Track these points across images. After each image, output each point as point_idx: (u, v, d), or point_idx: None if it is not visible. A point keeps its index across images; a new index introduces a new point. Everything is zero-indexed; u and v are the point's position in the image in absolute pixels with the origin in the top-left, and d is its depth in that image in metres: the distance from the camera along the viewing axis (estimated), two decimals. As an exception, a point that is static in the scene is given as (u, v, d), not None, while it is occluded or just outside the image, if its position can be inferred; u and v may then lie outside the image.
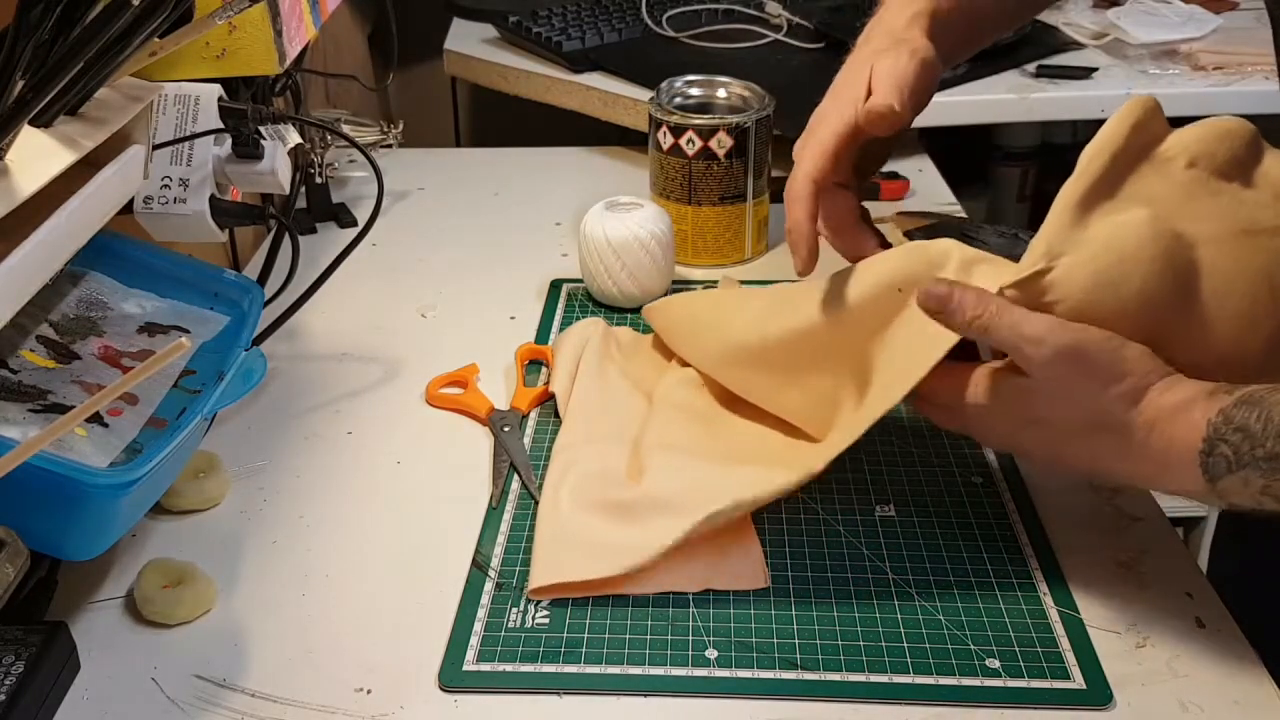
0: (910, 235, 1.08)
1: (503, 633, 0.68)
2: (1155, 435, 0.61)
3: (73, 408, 0.50)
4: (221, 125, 0.82)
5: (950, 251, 0.71)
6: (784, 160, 0.83)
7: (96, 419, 0.68)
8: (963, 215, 1.17)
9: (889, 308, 0.72)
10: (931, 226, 1.10)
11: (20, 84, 0.53)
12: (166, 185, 0.81)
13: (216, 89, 0.83)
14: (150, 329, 0.78)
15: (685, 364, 0.90)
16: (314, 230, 1.19)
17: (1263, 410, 0.57)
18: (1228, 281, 0.64)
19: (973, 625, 0.68)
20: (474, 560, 0.74)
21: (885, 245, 0.78)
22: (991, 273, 0.69)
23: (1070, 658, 0.65)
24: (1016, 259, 0.67)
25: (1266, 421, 0.57)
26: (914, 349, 0.69)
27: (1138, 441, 0.62)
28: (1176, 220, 0.65)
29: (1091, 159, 0.66)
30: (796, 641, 0.67)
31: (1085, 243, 0.64)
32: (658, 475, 0.76)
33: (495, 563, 0.73)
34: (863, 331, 0.74)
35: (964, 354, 0.68)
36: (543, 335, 0.99)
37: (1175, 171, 0.67)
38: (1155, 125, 0.68)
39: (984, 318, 0.64)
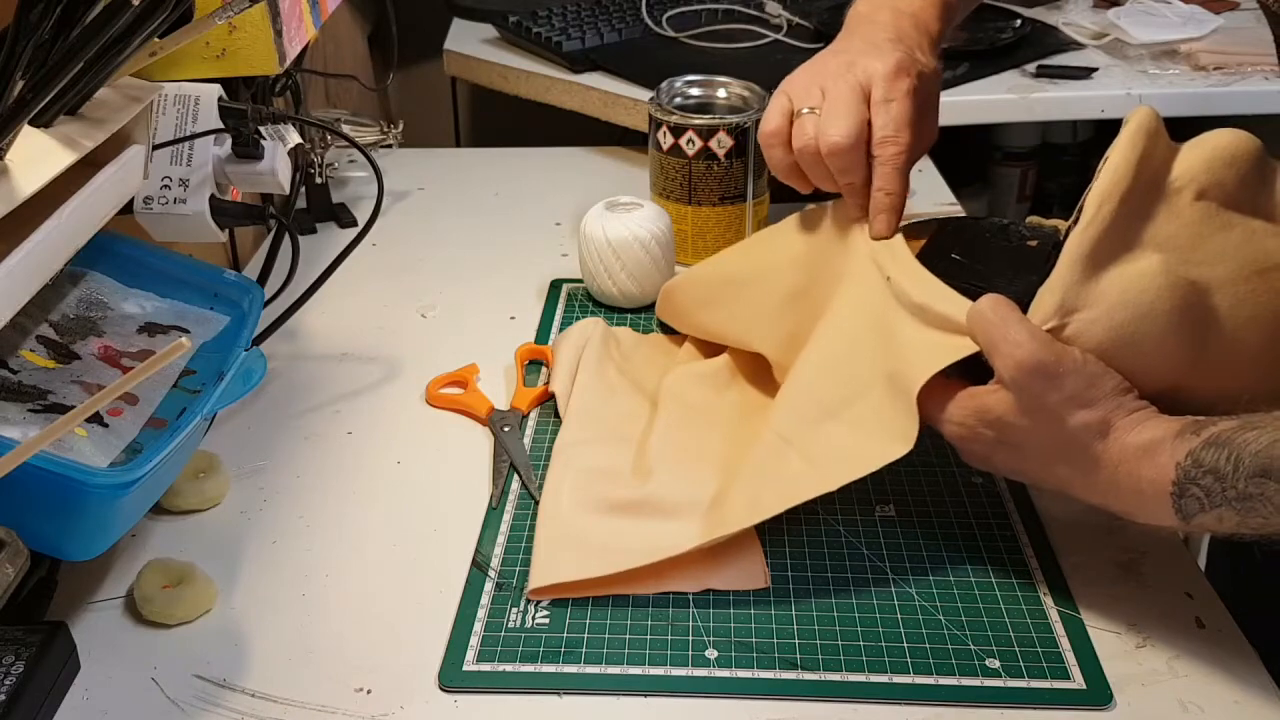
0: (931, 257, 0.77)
1: (503, 633, 0.68)
2: (1123, 474, 0.61)
3: (73, 408, 0.50)
4: (221, 125, 0.82)
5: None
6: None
7: (96, 419, 0.68)
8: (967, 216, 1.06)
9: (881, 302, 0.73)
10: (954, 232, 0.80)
11: (20, 84, 0.53)
12: (166, 185, 0.81)
13: (216, 89, 0.83)
14: (150, 329, 0.78)
15: (691, 357, 0.90)
16: (314, 230, 1.19)
17: (1232, 451, 0.57)
18: (1246, 325, 0.64)
19: (973, 625, 0.68)
20: (474, 560, 0.74)
21: None
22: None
23: (1070, 658, 0.65)
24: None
25: (1237, 463, 0.57)
26: (918, 358, 0.69)
27: (1105, 477, 0.62)
28: (1190, 266, 0.64)
29: (1100, 204, 0.63)
30: (796, 641, 0.67)
31: (1099, 297, 0.63)
32: (664, 479, 0.76)
33: (495, 563, 0.73)
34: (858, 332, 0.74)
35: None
36: (543, 335, 0.99)
37: (1184, 206, 0.65)
38: (1160, 149, 0.66)
39: (982, 310, 0.64)
